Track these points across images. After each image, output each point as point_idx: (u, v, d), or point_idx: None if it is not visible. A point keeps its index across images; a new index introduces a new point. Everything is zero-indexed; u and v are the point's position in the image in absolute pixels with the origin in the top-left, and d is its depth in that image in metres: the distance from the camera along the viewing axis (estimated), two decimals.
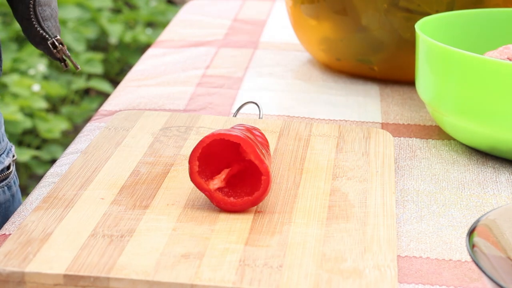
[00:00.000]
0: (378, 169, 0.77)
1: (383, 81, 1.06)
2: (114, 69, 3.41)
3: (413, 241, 0.69)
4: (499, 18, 0.97)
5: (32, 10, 0.84)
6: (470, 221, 0.73)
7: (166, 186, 0.73)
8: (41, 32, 0.85)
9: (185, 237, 0.65)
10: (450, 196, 0.77)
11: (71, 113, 3.07)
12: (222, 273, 0.61)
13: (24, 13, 0.84)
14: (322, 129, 0.86)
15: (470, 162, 0.84)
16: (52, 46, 0.86)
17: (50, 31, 0.86)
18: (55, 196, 0.71)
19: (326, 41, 1.06)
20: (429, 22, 0.91)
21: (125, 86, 1.05)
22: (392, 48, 1.02)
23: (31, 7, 0.84)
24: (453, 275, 0.65)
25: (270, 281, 0.60)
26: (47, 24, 0.85)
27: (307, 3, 1.06)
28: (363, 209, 0.70)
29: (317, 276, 0.61)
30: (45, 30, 0.85)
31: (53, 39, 0.86)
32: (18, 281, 0.60)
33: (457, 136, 0.86)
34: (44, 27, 0.85)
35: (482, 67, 0.80)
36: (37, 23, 0.84)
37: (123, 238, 0.65)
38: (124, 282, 0.60)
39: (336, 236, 0.66)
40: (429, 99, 0.87)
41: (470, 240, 0.58)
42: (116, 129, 0.85)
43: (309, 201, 0.72)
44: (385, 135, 0.85)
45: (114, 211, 0.69)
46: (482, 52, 0.90)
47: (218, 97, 1.01)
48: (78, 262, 0.61)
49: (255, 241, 0.65)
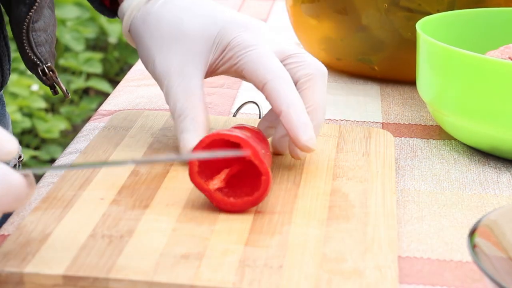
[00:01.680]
0: (378, 169, 0.77)
1: (384, 80, 1.06)
2: (114, 68, 3.41)
3: (414, 242, 0.69)
4: (500, 18, 0.97)
5: (25, 35, 0.83)
6: (471, 221, 0.72)
7: (166, 186, 0.73)
8: (32, 58, 0.84)
9: (185, 238, 0.65)
10: (451, 196, 0.77)
11: (70, 113, 3.07)
12: (222, 273, 0.60)
13: (18, 36, 0.83)
14: (323, 129, 0.86)
15: (471, 162, 0.84)
16: (42, 73, 0.85)
17: (42, 57, 0.85)
18: (54, 196, 0.71)
19: (326, 41, 1.06)
20: (430, 21, 0.91)
21: (125, 86, 1.05)
22: (392, 47, 1.02)
23: (24, 32, 0.83)
24: (454, 276, 0.65)
25: (270, 282, 0.60)
26: (40, 49, 0.84)
27: (307, 3, 1.05)
28: (364, 210, 0.70)
29: (317, 276, 0.61)
30: (37, 56, 0.84)
31: (43, 66, 0.85)
32: (17, 281, 0.60)
33: (458, 136, 0.86)
34: (36, 52, 0.84)
35: (483, 67, 0.80)
36: (29, 48, 0.84)
37: (122, 239, 0.65)
38: (123, 283, 0.60)
39: (336, 237, 0.66)
40: (430, 98, 0.87)
41: (471, 241, 0.57)
42: (116, 129, 0.85)
43: (309, 202, 0.71)
44: (385, 135, 0.85)
45: (114, 211, 0.69)
46: (483, 51, 0.90)
47: (217, 97, 1.00)
48: (77, 263, 0.61)
49: (255, 242, 0.65)
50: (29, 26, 0.82)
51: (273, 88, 0.75)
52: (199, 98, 0.77)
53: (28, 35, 0.82)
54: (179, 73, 0.77)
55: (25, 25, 0.82)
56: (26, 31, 0.82)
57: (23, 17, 0.82)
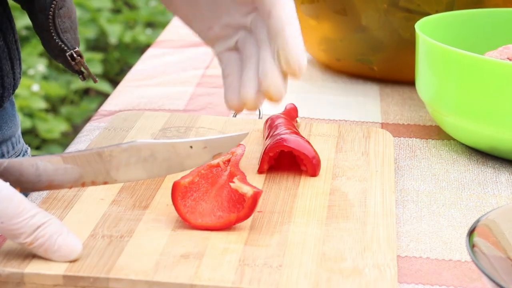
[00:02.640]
0: (377, 169, 0.77)
1: (383, 81, 1.06)
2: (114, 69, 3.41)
3: (413, 241, 0.69)
4: (499, 18, 0.97)
5: (52, 21, 0.84)
6: (470, 221, 0.72)
7: (166, 186, 0.73)
8: (59, 44, 0.85)
9: (185, 237, 0.65)
10: (450, 196, 0.77)
11: (70, 113, 3.07)
12: (221, 273, 0.61)
13: (44, 24, 0.84)
14: (322, 129, 0.86)
15: (470, 162, 0.84)
16: (71, 58, 0.86)
17: (69, 43, 0.86)
18: (54, 196, 0.71)
19: (326, 41, 1.06)
20: (429, 22, 0.91)
21: (125, 86, 1.05)
22: (392, 48, 1.02)
23: (50, 18, 0.84)
24: (453, 275, 0.65)
25: (270, 281, 0.60)
26: (66, 36, 0.85)
27: (307, 3, 1.06)
28: (363, 209, 0.70)
29: (316, 275, 0.61)
30: (64, 42, 0.85)
31: (71, 51, 0.86)
32: (18, 282, 0.60)
33: (457, 136, 0.86)
34: (63, 39, 0.85)
35: (482, 67, 0.80)
36: (56, 35, 0.84)
37: (122, 239, 0.65)
38: (123, 283, 0.60)
39: (335, 236, 0.66)
40: (429, 99, 0.87)
41: (470, 240, 0.58)
42: (116, 129, 0.85)
43: (309, 201, 0.71)
44: (385, 134, 0.85)
45: (114, 211, 0.69)
46: (482, 52, 0.90)
47: (217, 97, 1.01)
48: (77, 263, 0.61)
49: (255, 241, 0.65)
50: (54, 13, 0.83)
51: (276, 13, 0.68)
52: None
53: (54, 21, 0.84)
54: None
55: (51, 11, 0.83)
56: (52, 17, 0.83)
57: (49, 4, 0.83)
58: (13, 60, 0.89)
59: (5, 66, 0.87)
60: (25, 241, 0.60)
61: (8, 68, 0.88)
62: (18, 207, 0.60)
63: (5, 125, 0.93)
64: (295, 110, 0.87)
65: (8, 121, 0.94)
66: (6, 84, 0.88)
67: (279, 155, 0.76)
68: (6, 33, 0.89)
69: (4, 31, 0.88)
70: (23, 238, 0.60)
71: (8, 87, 0.88)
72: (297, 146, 0.76)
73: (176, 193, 0.67)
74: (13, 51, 0.89)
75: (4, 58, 0.87)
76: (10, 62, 0.89)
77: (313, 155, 0.76)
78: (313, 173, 0.76)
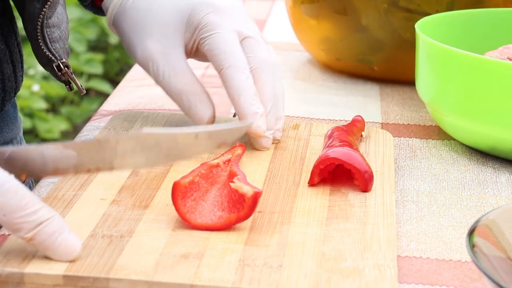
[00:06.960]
0: (378, 169, 0.77)
1: (383, 81, 1.06)
2: (114, 69, 3.41)
3: (413, 241, 0.69)
4: (499, 18, 0.97)
5: (40, 31, 0.83)
6: (470, 221, 0.72)
7: (166, 187, 0.73)
8: (47, 54, 0.85)
9: (185, 237, 0.65)
10: (450, 196, 0.77)
11: (70, 113, 3.07)
12: (221, 273, 0.61)
13: (32, 33, 0.84)
14: (322, 129, 0.86)
15: (470, 162, 0.84)
16: (57, 69, 0.86)
17: (57, 53, 0.85)
18: (54, 196, 0.71)
19: (326, 41, 1.06)
20: (429, 22, 0.91)
21: (125, 86, 1.05)
22: (392, 48, 1.02)
23: (38, 28, 0.83)
24: (453, 275, 0.65)
25: (270, 281, 0.60)
26: (54, 46, 0.85)
27: (307, 3, 1.06)
28: (363, 209, 0.70)
29: (316, 275, 0.61)
30: (51, 52, 0.85)
31: (58, 62, 0.85)
32: (18, 281, 0.60)
33: (457, 136, 0.86)
34: (51, 49, 0.85)
35: (482, 67, 0.80)
36: (44, 44, 0.84)
37: (122, 239, 0.65)
38: (123, 283, 0.60)
39: (335, 236, 0.66)
40: (429, 99, 0.87)
41: (470, 240, 0.58)
42: (116, 129, 0.85)
43: (309, 201, 0.71)
44: (385, 134, 0.85)
45: (114, 211, 0.69)
46: (482, 52, 0.90)
47: (218, 97, 1.00)
48: (77, 263, 0.61)
49: (255, 241, 0.65)
50: (43, 23, 0.83)
51: (227, 75, 0.79)
52: (190, 74, 0.81)
53: (42, 31, 0.83)
54: (162, 55, 0.80)
55: (40, 21, 0.82)
56: (40, 27, 0.83)
57: (37, 14, 0.82)
58: (15, 63, 0.89)
59: (6, 69, 0.87)
60: (26, 236, 0.60)
61: (10, 72, 0.88)
62: (22, 200, 0.59)
63: (6, 128, 0.93)
64: (361, 122, 0.83)
65: (9, 123, 0.94)
66: (8, 87, 0.88)
67: (336, 168, 0.74)
68: (8, 36, 0.88)
69: (5, 34, 0.88)
70: (24, 233, 0.60)
71: (9, 91, 0.88)
72: (349, 160, 0.73)
73: (176, 193, 0.67)
74: (15, 54, 0.89)
75: (5, 62, 0.87)
76: (12, 66, 0.88)
77: (366, 170, 0.73)
78: (365, 188, 0.73)
